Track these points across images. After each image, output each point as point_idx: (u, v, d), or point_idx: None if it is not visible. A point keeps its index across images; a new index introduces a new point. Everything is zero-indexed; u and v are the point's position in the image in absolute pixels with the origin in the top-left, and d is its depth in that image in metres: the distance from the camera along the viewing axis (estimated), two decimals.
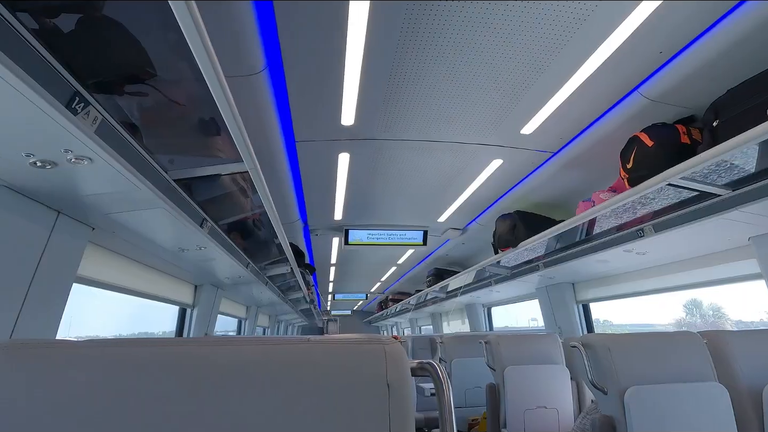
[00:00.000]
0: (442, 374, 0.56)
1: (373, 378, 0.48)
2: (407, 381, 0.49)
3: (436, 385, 0.55)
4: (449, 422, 0.53)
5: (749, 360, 1.64)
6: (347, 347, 0.50)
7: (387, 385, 0.48)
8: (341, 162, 2.73)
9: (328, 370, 0.48)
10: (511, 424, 2.47)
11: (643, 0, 1.42)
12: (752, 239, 2.04)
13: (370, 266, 7.05)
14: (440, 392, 0.55)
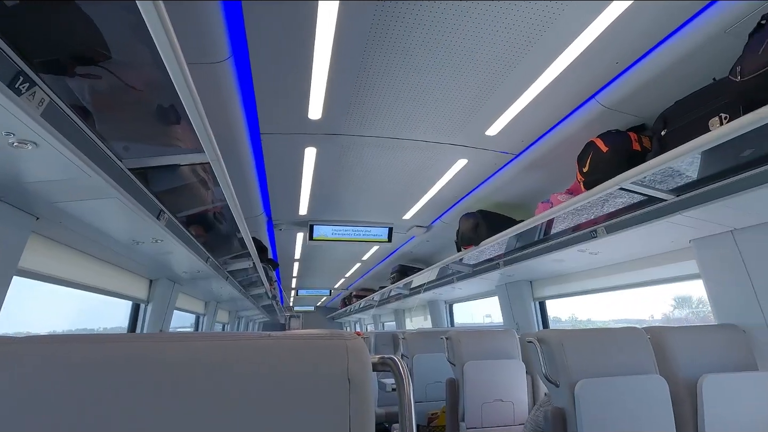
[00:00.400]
0: (403, 369, 0.56)
1: (335, 373, 0.48)
2: (368, 376, 0.49)
3: (397, 381, 0.56)
4: (409, 417, 0.54)
5: (686, 354, 1.77)
6: (308, 343, 0.49)
7: (348, 380, 0.48)
8: (307, 156, 2.69)
9: (287, 366, 0.48)
10: (469, 417, 2.54)
11: (609, 1, 1.49)
12: (693, 242, 2.19)
13: (335, 262, 7.02)
14: (401, 387, 0.55)
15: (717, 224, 1.98)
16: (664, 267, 2.64)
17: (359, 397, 0.47)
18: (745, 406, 1.67)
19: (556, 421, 1.61)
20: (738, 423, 1.65)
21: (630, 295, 3.12)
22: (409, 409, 0.54)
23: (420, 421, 3.53)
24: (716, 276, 2.08)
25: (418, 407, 3.50)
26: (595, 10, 1.50)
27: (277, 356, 0.48)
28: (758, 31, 1.32)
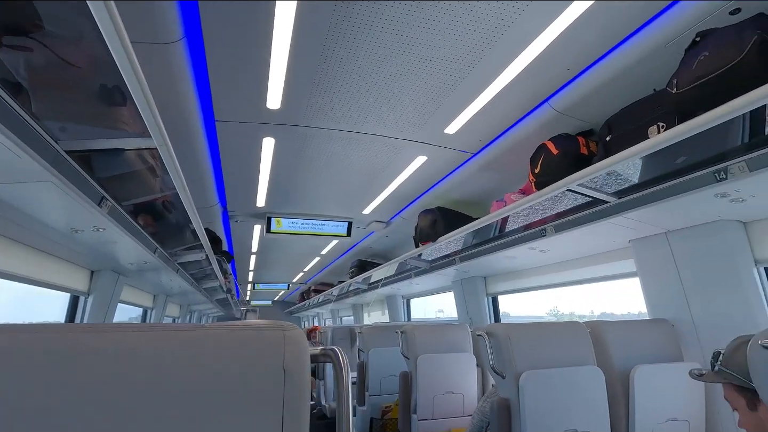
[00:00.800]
0: (342, 360, 0.56)
1: (270, 364, 0.47)
2: (305, 367, 0.49)
3: (336, 372, 0.56)
4: (346, 407, 0.54)
5: (621, 346, 1.89)
6: (243, 333, 0.48)
7: (283, 370, 0.47)
8: (265, 146, 2.62)
9: (221, 356, 0.47)
10: (421, 408, 2.59)
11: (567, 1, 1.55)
12: (632, 242, 2.34)
13: (293, 256, 6.91)
14: (339, 377, 0.56)
15: (653, 226, 2.12)
16: (607, 265, 2.80)
17: (294, 387, 0.47)
18: (670, 393, 1.81)
19: (501, 411, 1.68)
20: (664, 409, 1.79)
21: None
22: (346, 399, 0.55)
23: (374, 414, 3.57)
24: (651, 274, 2.23)
25: (373, 400, 3.53)
26: (548, 16, 1.56)
27: (211, 346, 0.47)
28: (693, 47, 1.43)
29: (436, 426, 2.64)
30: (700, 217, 1.94)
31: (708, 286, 1.97)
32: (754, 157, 1.48)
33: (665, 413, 1.80)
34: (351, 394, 0.55)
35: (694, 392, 1.84)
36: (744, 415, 1.06)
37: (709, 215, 1.91)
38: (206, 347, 0.47)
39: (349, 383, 0.56)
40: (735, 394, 1.07)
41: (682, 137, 1.42)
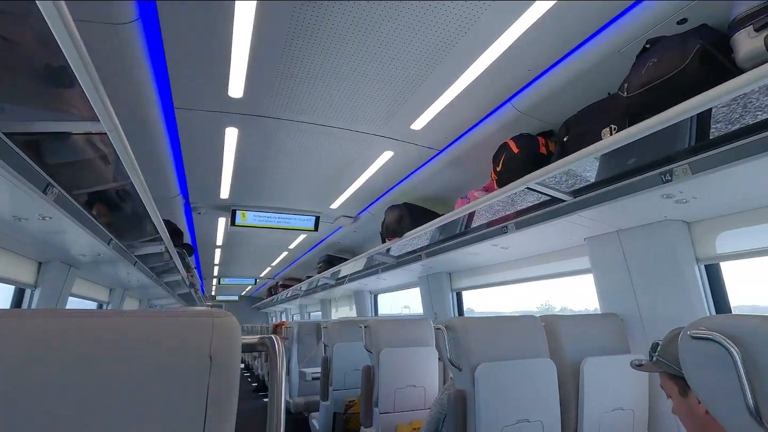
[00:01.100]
0: (278, 349, 0.56)
1: (195, 351, 0.46)
2: (234, 355, 0.48)
3: (271, 361, 0.55)
4: (278, 397, 0.54)
5: (573, 339, 1.97)
6: (167, 320, 0.47)
7: (209, 357, 0.46)
8: (228, 137, 2.56)
9: (144, 342, 0.45)
10: (383, 402, 2.61)
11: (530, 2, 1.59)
12: (587, 240, 2.43)
13: (260, 250, 6.80)
14: (273, 367, 0.55)
15: (606, 224, 2.21)
16: (565, 262, 2.90)
17: (221, 375, 0.46)
18: (617, 384, 1.90)
19: (458, 402, 1.71)
20: (611, 398, 1.88)
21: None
22: (279, 389, 0.54)
23: (338, 408, 3.57)
24: (603, 271, 2.33)
25: (337, 395, 3.53)
26: (509, 18, 1.59)
27: (134, 333, 0.46)
28: (643, 53, 1.49)
29: (397, 419, 2.67)
30: (648, 216, 2.04)
31: (654, 282, 2.08)
32: (696, 161, 1.57)
33: (612, 403, 1.89)
34: (285, 384, 0.54)
35: (638, 383, 1.94)
36: (677, 401, 1.13)
37: (657, 215, 2.01)
38: (129, 333, 0.45)
39: (283, 373, 0.55)
40: (669, 383, 1.14)
41: (631, 140, 1.49)
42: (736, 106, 1.32)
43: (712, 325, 0.86)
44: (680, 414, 1.13)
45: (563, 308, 3.58)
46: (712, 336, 0.84)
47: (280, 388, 0.54)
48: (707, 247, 1.99)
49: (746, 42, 1.17)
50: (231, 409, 0.46)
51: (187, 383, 0.45)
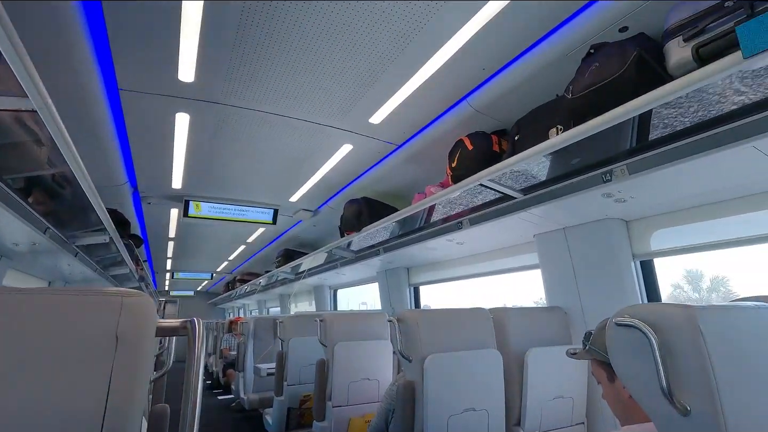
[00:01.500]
0: (199, 334, 0.54)
1: (99, 330, 0.44)
2: (145, 336, 0.46)
3: (189, 346, 0.53)
4: (195, 383, 0.52)
5: (519, 331, 2.04)
6: (73, 298, 0.44)
7: (116, 337, 0.44)
8: (179, 123, 2.45)
9: (42, 321, 0.42)
10: (336, 395, 2.61)
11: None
12: (536, 236, 2.53)
13: (217, 243, 6.58)
14: (191, 352, 0.53)
15: (553, 222, 2.31)
16: (517, 257, 3.00)
17: (128, 356, 0.44)
18: (558, 373, 2.00)
19: (407, 393, 1.74)
20: (552, 387, 1.97)
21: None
22: (196, 375, 0.52)
23: (292, 403, 3.53)
24: (550, 266, 2.44)
25: (292, 390, 3.49)
26: (463, 16, 1.62)
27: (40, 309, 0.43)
28: (587, 57, 1.57)
29: (350, 412, 2.67)
30: (591, 214, 2.15)
31: (595, 276, 2.20)
32: (633, 162, 1.67)
33: (553, 391, 1.98)
34: (201, 372, 0.52)
35: (578, 372, 2.05)
36: (605, 387, 1.19)
37: (598, 213, 2.12)
38: (30, 311, 0.42)
39: (202, 360, 0.53)
40: (599, 369, 1.20)
41: (574, 140, 1.56)
42: (670, 111, 1.41)
43: (634, 313, 0.92)
44: (608, 399, 1.20)
45: (515, 305, 3.71)
46: (634, 323, 0.89)
47: (198, 375, 0.52)
48: (643, 244, 2.12)
49: (676, 51, 1.25)
50: (137, 393, 0.44)
51: (89, 363, 0.43)
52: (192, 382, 0.51)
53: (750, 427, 0.83)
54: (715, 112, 1.38)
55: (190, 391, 0.50)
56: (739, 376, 0.85)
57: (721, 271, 2.92)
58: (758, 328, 0.97)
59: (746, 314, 0.97)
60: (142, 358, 0.45)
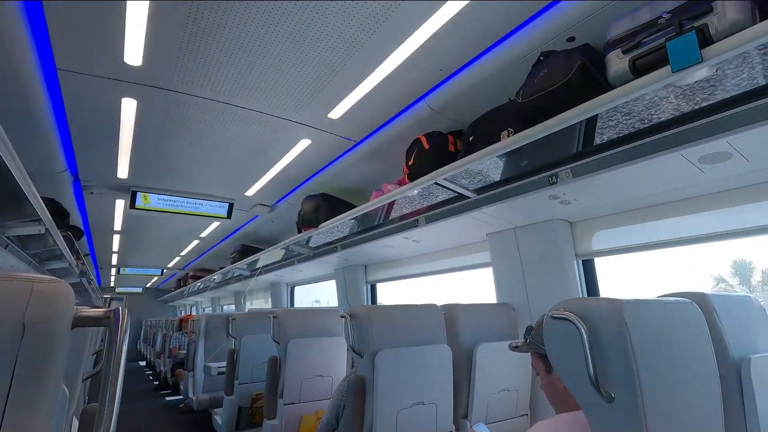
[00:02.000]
0: (122, 325, 0.51)
1: (4, 317, 0.41)
2: (59, 325, 0.43)
3: (110, 336, 0.51)
4: (114, 378, 0.49)
5: (469, 327, 2.10)
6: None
7: (23, 325, 0.41)
8: (126, 108, 2.32)
9: None
10: (288, 393, 2.57)
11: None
12: (488, 235, 2.61)
13: (168, 238, 6.30)
14: (112, 342, 0.50)
15: (505, 221, 2.40)
16: (471, 255, 3.09)
17: (35, 345, 0.41)
18: (505, 367, 2.07)
19: (357, 388, 1.74)
20: (499, 380, 2.04)
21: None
22: (116, 370, 0.49)
23: (243, 402, 3.45)
24: (500, 264, 2.53)
25: (243, 388, 3.41)
26: (421, 16, 1.65)
27: None
28: (537, 64, 1.63)
29: (302, 409, 2.65)
30: (539, 215, 2.24)
31: (541, 274, 2.30)
32: (577, 166, 1.76)
33: (500, 384, 2.05)
34: (123, 367, 0.49)
35: (522, 365, 2.13)
36: (543, 378, 1.25)
37: (546, 214, 2.22)
38: None
39: (124, 353, 0.51)
40: (538, 362, 1.26)
41: (522, 143, 1.63)
42: (611, 118, 1.50)
43: (568, 307, 0.97)
44: (545, 389, 1.26)
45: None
46: (567, 316, 0.94)
47: (118, 369, 0.49)
48: (585, 244, 2.24)
49: (615, 62, 1.33)
50: (47, 387, 0.42)
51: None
52: (111, 378, 0.48)
53: (666, 413, 0.90)
54: (650, 122, 1.49)
55: (108, 387, 0.47)
56: (658, 366, 0.92)
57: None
58: (678, 321, 1.05)
59: (668, 308, 1.05)
60: (54, 350, 0.42)
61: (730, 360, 1.15)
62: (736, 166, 1.54)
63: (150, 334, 11.07)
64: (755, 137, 1.34)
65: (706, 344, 1.06)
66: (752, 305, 1.37)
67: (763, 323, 1.35)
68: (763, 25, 1.03)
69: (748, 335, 1.25)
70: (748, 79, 1.22)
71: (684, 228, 1.94)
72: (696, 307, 1.09)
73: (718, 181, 1.69)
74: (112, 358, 0.48)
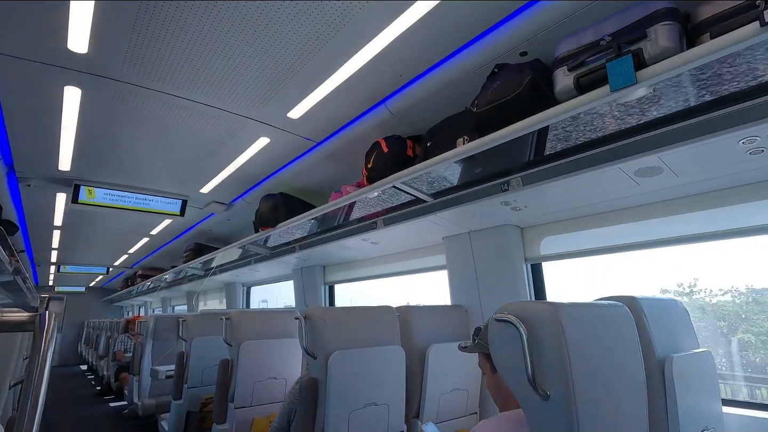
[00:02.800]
0: (48, 329, 0.49)
1: None
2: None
3: (35, 342, 0.48)
4: (37, 387, 0.46)
5: (423, 328, 2.14)
6: None
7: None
8: (69, 97, 2.18)
9: None
10: (239, 396, 2.51)
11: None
12: (444, 239, 2.68)
13: (115, 235, 5.96)
14: (35, 348, 0.48)
15: (460, 226, 2.47)
16: (427, 258, 3.15)
17: None
18: (456, 368, 2.13)
19: (310, 390, 1.73)
20: (450, 380, 2.09)
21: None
22: (38, 379, 0.46)
23: (192, 407, 3.32)
24: (455, 267, 2.60)
25: (193, 392, 3.29)
26: (383, 20, 1.67)
27: None
28: (492, 76, 1.70)
29: (254, 413, 2.59)
30: (492, 220, 2.33)
31: (493, 277, 2.39)
32: (527, 174, 1.85)
33: (451, 384, 2.11)
34: (47, 373, 0.47)
35: (473, 366, 2.19)
36: (488, 377, 1.31)
37: (498, 220, 2.31)
38: None
39: (48, 362, 0.48)
40: (485, 362, 1.31)
41: (477, 151, 1.69)
42: (559, 131, 1.58)
43: (511, 310, 1.02)
44: (490, 388, 1.31)
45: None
46: (509, 318, 0.99)
47: (41, 379, 0.46)
48: (534, 249, 2.35)
49: (562, 78, 1.41)
50: None
51: None
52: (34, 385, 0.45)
53: (597, 408, 0.97)
54: (593, 136, 1.59)
55: (29, 395, 0.45)
56: (590, 365, 0.98)
57: None
58: (610, 323, 1.13)
59: (601, 311, 1.13)
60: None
61: (655, 358, 1.25)
62: (667, 179, 1.67)
63: (92, 337, 10.41)
64: (684, 154, 1.46)
65: (635, 344, 1.15)
66: (677, 308, 1.50)
67: (686, 325, 1.48)
68: (688, 53, 1.14)
69: (671, 336, 1.36)
70: (678, 100, 1.34)
71: (623, 235, 2.08)
72: (627, 310, 1.18)
73: (651, 193, 1.83)
74: (36, 364, 0.45)
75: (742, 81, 1.22)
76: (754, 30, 1.02)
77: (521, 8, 1.60)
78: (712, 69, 1.17)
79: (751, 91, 1.24)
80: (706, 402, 1.39)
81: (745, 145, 1.37)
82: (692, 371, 1.32)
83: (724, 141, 1.34)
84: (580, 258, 2.28)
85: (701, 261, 2.09)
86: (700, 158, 1.50)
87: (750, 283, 2.00)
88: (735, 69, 1.17)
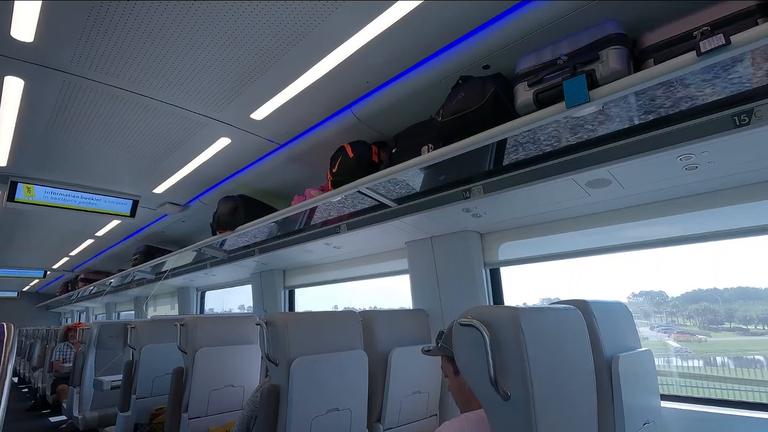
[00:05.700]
0: (7, 339, 0.46)
1: None
2: None
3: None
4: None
5: (386, 332, 2.16)
6: None
7: None
8: (9, 88, 2.02)
9: None
10: (194, 406, 2.42)
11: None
12: (407, 243, 2.72)
13: (55, 236, 5.55)
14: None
15: (423, 231, 2.52)
16: (390, 263, 3.17)
17: None
18: (417, 371, 2.16)
19: (270, 397, 1.70)
20: (412, 383, 2.12)
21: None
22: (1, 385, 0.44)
23: (141, 419, 3.15)
24: (417, 271, 2.64)
25: (141, 403, 3.12)
26: (351, 27, 1.68)
27: None
28: (456, 87, 1.76)
29: (210, 422, 2.50)
30: (453, 226, 2.39)
31: (454, 282, 2.45)
32: (488, 183, 1.92)
33: (412, 387, 2.14)
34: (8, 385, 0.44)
35: (434, 369, 2.25)
36: (451, 380, 1.35)
37: (460, 226, 2.38)
38: None
39: (10, 367, 0.45)
40: (447, 365, 1.35)
41: (440, 159, 1.74)
42: (519, 142, 1.66)
43: (474, 314, 1.06)
44: (453, 390, 1.35)
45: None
46: (473, 323, 1.03)
47: (2, 391, 0.43)
48: (493, 254, 2.44)
49: (522, 93, 1.49)
50: None
51: None
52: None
53: (553, 406, 1.03)
54: (550, 148, 1.68)
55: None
56: (547, 366, 1.04)
57: None
58: (564, 325, 1.20)
59: (556, 315, 1.20)
60: None
61: (603, 357, 1.34)
62: (615, 191, 1.79)
63: (25, 346, 9.59)
64: (629, 167, 1.58)
65: (586, 345, 1.23)
66: (623, 310, 1.61)
67: (630, 325, 1.60)
68: (635, 76, 1.24)
69: (618, 336, 1.47)
70: (625, 118, 1.44)
71: (576, 242, 2.21)
72: (579, 312, 1.26)
73: (601, 203, 1.96)
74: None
75: (680, 104, 1.34)
76: (690, 59, 1.13)
77: (485, 24, 1.67)
78: (655, 91, 1.28)
79: (688, 113, 1.36)
80: (648, 397, 1.50)
81: (682, 161, 1.50)
82: (636, 369, 1.43)
83: (665, 157, 1.47)
84: (535, 263, 2.40)
85: (646, 266, 2.25)
86: (643, 172, 1.63)
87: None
88: (674, 92, 1.29)
